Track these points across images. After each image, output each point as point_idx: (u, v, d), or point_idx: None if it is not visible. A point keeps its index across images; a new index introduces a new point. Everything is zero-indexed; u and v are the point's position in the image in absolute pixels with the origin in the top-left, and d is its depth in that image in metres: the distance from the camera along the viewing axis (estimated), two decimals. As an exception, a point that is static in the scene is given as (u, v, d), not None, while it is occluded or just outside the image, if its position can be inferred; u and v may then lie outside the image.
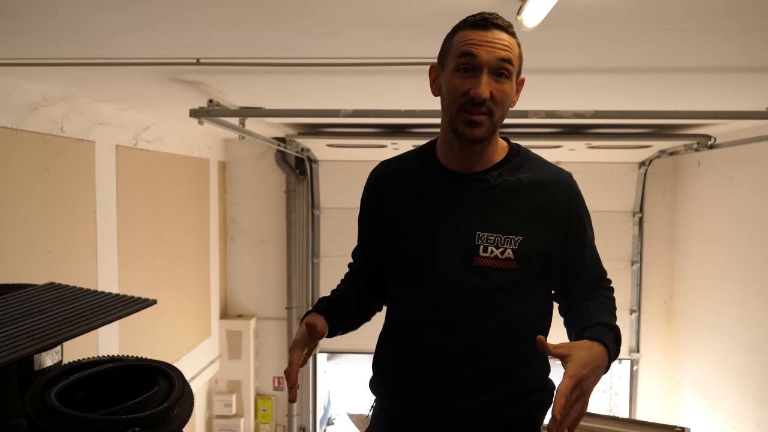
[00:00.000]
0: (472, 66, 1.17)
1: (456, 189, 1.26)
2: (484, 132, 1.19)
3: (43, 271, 2.79)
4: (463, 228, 1.24)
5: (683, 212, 5.45)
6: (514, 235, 1.22)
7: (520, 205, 1.24)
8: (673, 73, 2.52)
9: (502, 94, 1.18)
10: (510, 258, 1.21)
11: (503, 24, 1.19)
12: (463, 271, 1.23)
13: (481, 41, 1.17)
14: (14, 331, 1.56)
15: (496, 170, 1.26)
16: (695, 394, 5.17)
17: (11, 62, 2.35)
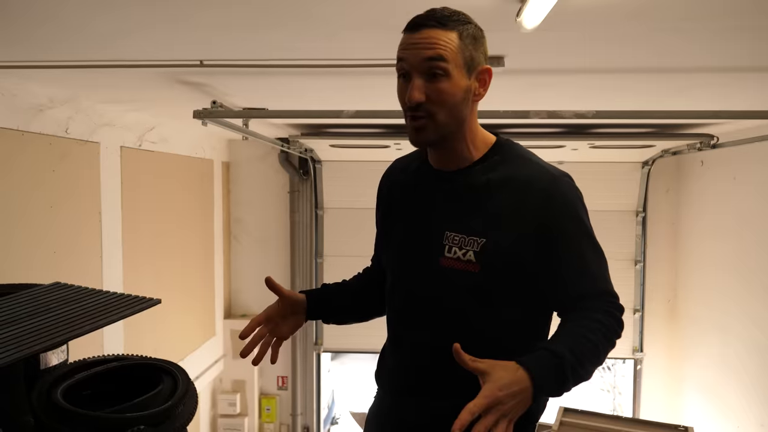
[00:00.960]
0: (406, 71, 1.15)
1: (433, 187, 1.27)
2: (429, 135, 1.16)
3: (49, 271, 2.82)
4: (433, 226, 1.22)
5: (686, 212, 5.44)
6: (477, 237, 1.17)
7: (486, 207, 1.18)
8: (675, 73, 2.53)
9: (439, 93, 1.13)
10: (471, 260, 1.16)
11: (435, 22, 1.13)
12: (429, 271, 1.22)
13: (409, 44, 1.14)
14: (20, 330, 1.58)
15: (471, 169, 1.22)
16: (699, 394, 5.17)
17: (17, 64, 2.37)
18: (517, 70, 2.39)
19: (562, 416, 3.94)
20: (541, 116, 2.86)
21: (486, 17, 1.74)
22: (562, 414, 3.97)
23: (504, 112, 2.98)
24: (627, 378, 6.24)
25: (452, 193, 1.23)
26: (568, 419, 3.94)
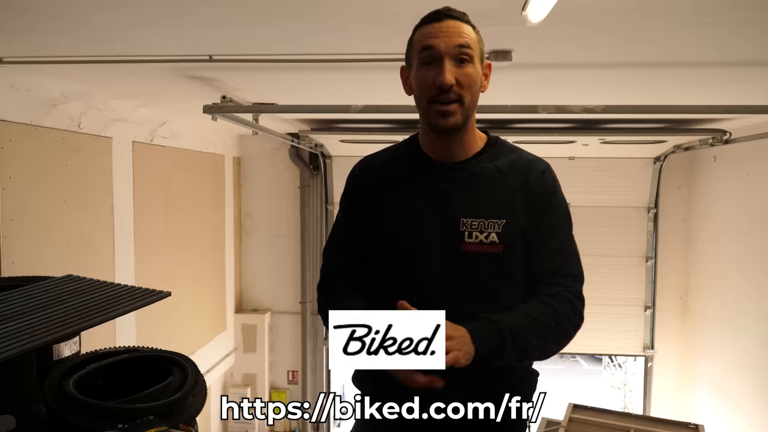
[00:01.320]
0: (434, 57, 1.20)
1: (439, 178, 1.28)
2: (458, 120, 1.22)
3: (62, 264, 2.86)
4: (448, 216, 1.25)
5: (699, 208, 5.40)
6: (497, 219, 1.24)
7: (499, 191, 1.26)
8: (684, 67, 2.51)
9: (468, 77, 1.20)
10: (495, 241, 1.23)
11: (456, 14, 1.23)
12: (449, 259, 1.24)
13: (437, 32, 1.21)
14: (33, 321, 1.61)
15: (475, 159, 1.29)
16: (710, 391, 5.14)
17: (30, 60, 2.40)
18: (524, 64, 2.39)
19: (571, 413, 3.94)
20: (550, 111, 2.84)
21: (492, 11, 1.75)
22: (572, 410, 3.97)
23: (512, 107, 2.97)
24: (638, 375, 6.21)
25: (463, 182, 1.27)
26: (577, 416, 3.94)
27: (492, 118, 4.26)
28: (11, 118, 2.64)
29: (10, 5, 1.77)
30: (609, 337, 5.93)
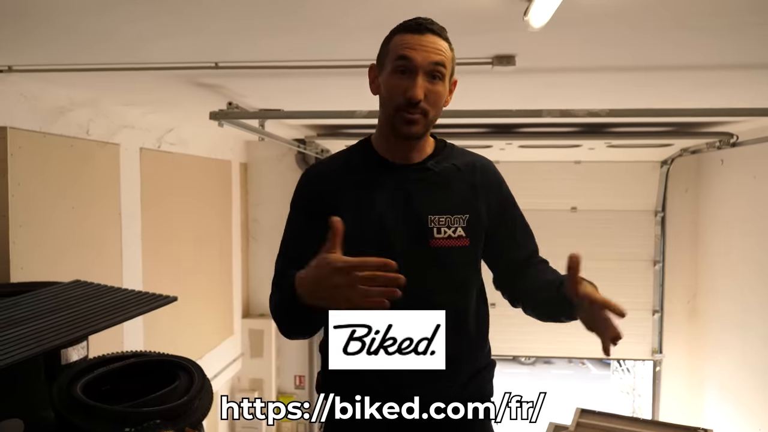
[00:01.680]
0: (408, 68, 1.24)
1: (402, 178, 1.34)
2: (420, 129, 1.28)
3: (70, 270, 2.88)
4: (415, 214, 1.31)
5: (706, 211, 5.37)
6: (461, 214, 1.32)
7: (460, 187, 1.35)
8: (690, 70, 2.50)
9: (436, 95, 1.26)
10: (462, 235, 1.32)
11: (437, 29, 1.27)
12: (421, 254, 1.30)
13: (416, 45, 1.25)
14: (41, 326, 1.64)
15: (434, 159, 1.36)
16: (720, 395, 5.10)
17: (39, 68, 2.43)
18: (528, 69, 2.39)
19: (579, 417, 3.93)
20: (554, 115, 2.85)
21: (494, 17, 1.76)
22: (579, 415, 3.95)
23: (516, 111, 2.98)
24: (646, 380, 6.18)
25: (426, 181, 1.34)
26: (585, 420, 3.92)
27: (497, 122, 4.27)
28: (20, 126, 2.68)
29: (21, 16, 1.80)
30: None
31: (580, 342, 5.96)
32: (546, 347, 6.22)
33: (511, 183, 1.42)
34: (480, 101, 3.27)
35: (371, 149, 1.38)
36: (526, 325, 6.75)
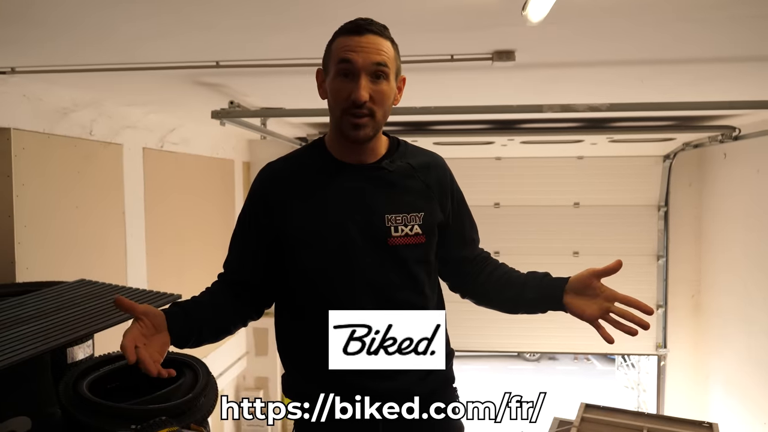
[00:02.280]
0: (351, 71, 1.24)
1: (358, 178, 1.34)
2: (368, 132, 1.28)
3: (75, 269, 2.90)
4: (372, 213, 1.32)
5: (710, 205, 5.37)
6: (417, 212, 1.34)
7: (415, 186, 1.36)
8: (691, 63, 2.50)
9: (381, 94, 1.26)
10: (419, 233, 1.33)
11: (376, 29, 1.27)
12: (379, 252, 1.30)
13: (357, 47, 1.24)
14: (47, 325, 1.65)
15: (388, 159, 1.37)
16: (724, 390, 5.10)
17: (43, 69, 2.45)
18: (528, 64, 2.40)
19: (583, 412, 3.93)
20: (555, 110, 2.85)
21: (493, 12, 1.76)
22: (584, 410, 3.96)
23: (517, 107, 2.99)
24: (651, 375, 6.18)
25: (382, 180, 1.34)
26: (589, 415, 3.92)
27: (498, 118, 4.27)
28: (24, 127, 2.69)
29: (23, 17, 1.81)
30: (621, 336, 5.87)
31: (584, 337, 5.94)
32: (550, 343, 6.21)
33: (513, 179, 1.43)
34: (481, 97, 3.27)
35: (325, 150, 1.38)
36: (530, 321, 6.73)
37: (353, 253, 1.30)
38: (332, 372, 1.27)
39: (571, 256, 5.76)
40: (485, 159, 5.59)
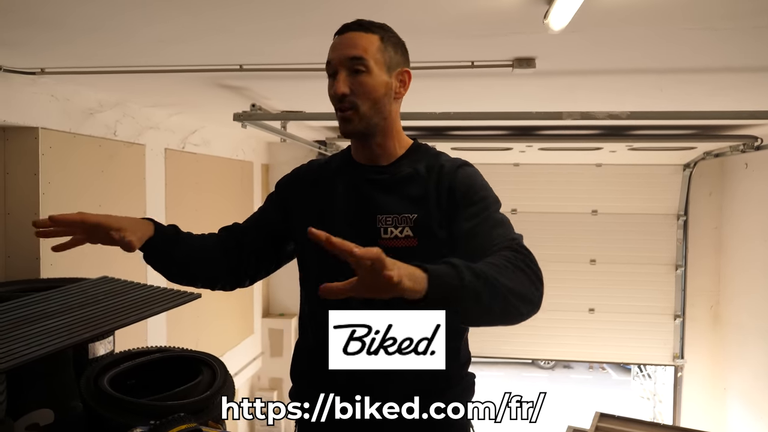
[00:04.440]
0: (331, 70, 1.29)
1: (358, 178, 1.36)
2: (356, 126, 1.29)
3: (97, 266, 2.94)
4: (365, 213, 1.32)
5: (730, 215, 5.30)
6: (409, 214, 1.30)
7: (413, 190, 1.33)
8: (709, 73, 2.49)
9: (361, 86, 1.26)
10: (410, 235, 1.29)
11: (359, 26, 1.29)
12: None
13: (336, 46, 1.29)
14: (71, 320, 1.69)
15: (397, 163, 1.37)
16: (742, 403, 5.03)
17: (70, 70, 2.51)
18: (548, 71, 2.40)
19: (598, 421, 3.90)
20: (574, 117, 2.85)
21: (514, 19, 1.78)
22: (598, 419, 3.93)
23: (537, 113, 2.99)
24: (667, 386, 6.10)
25: (380, 183, 1.35)
26: (604, 424, 3.89)
27: (516, 125, 4.26)
28: (51, 126, 2.76)
29: (50, 19, 1.86)
30: (638, 346, 5.85)
31: (600, 346, 5.92)
32: (565, 351, 6.18)
33: (531, 186, 1.40)
34: (500, 103, 3.28)
35: (348, 151, 1.43)
36: (544, 328, 6.72)
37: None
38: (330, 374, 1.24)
39: (588, 264, 5.72)
40: (503, 165, 5.58)
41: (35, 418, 1.59)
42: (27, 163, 2.67)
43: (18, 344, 1.42)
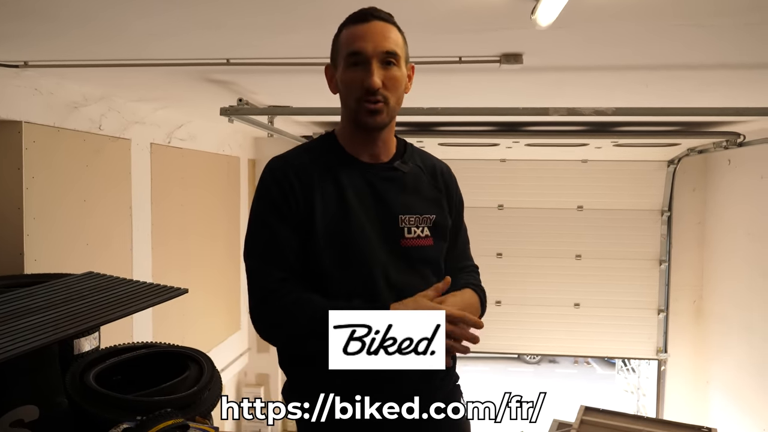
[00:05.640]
0: (361, 60, 1.25)
1: (372, 178, 1.34)
2: (384, 118, 1.28)
3: (82, 261, 2.92)
4: (386, 214, 1.32)
5: (713, 211, 5.38)
6: (428, 215, 1.35)
7: (426, 189, 1.39)
8: (695, 69, 2.51)
9: (393, 81, 1.26)
10: (428, 235, 1.35)
11: (383, 15, 1.27)
12: (393, 253, 1.31)
13: (365, 35, 1.25)
14: (56, 315, 1.67)
15: (400, 160, 1.37)
16: (724, 395, 5.11)
17: (55, 64, 2.47)
18: (535, 67, 2.41)
19: (582, 415, 3.94)
20: (561, 113, 2.87)
21: (501, 15, 1.78)
22: (583, 413, 3.97)
23: (523, 109, 3.00)
24: (651, 379, 6.18)
25: (397, 182, 1.35)
26: (589, 418, 3.94)
27: (504, 120, 4.28)
28: (35, 120, 2.72)
29: (36, 12, 1.84)
30: (622, 340, 5.92)
31: (585, 341, 5.98)
32: (551, 346, 6.24)
33: (518, 181, 1.43)
34: (487, 99, 3.29)
35: (337, 145, 1.36)
36: (530, 323, 6.78)
37: (369, 254, 1.29)
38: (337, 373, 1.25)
39: (574, 259, 5.77)
40: (490, 161, 5.61)
41: (20, 415, 1.57)
42: (10, 157, 2.64)
43: (2, 340, 1.40)
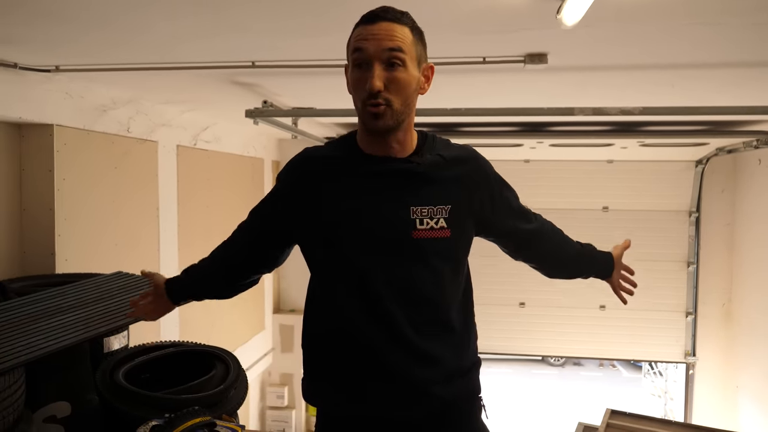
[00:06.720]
0: (363, 60, 1.22)
1: (384, 172, 1.31)
2: (387, 121, 1.24)
3: (111, 262, 2.98)
4: (399, 205, 1.28)
5: (743, 212, 5.26)
6: (443, 205, 1.30)
7: (445, 178, 1.32)
8: (722, 68, 2.47)
9: (397, 82, 1.22)
10: (444, 227, 1.29)
11: (392, 15, 1.23)
12: (404, 245, 1.28)
13: (368, 35, 1.22)
14: (87, 314, 1.71)
15: (418, 153, 1.33)
16: (753, 402, 4.99)
17: (85, 68, 2.53)
18: (560, 67, 2.39)
19: (609, 418, 3.89)
20: (586, 113, 2.84)
21: (526, 15, 1.77)
22: (609, 416, 3.92)
23: (548, 110, 2.98)
24: (679, 383, 6.07)
25: (409, 173, 1.30)
26: (615, 421, 3.88)
27: (528, 121, 4.25)
28: (66, 123, 2.79)
29: (66, 18, 1.88)
30: (649, 343, 5.83)
31: (611, 343, 5.89)
32: (575, 348, 6.16)
33: (542, 182, 1.44)
34: (512, 99, 3.27)
35: (355, 145, 1.37)
36: (555, 325, 6.69)
37: (379, 247, 1.29)
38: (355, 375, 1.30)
39: (599, 260, 5.70)
40: (514, 161, 5.57)
41: (52, 411, 1.61)
42: (42, 159, 2.70)
43: (36, 338, 1.44)
